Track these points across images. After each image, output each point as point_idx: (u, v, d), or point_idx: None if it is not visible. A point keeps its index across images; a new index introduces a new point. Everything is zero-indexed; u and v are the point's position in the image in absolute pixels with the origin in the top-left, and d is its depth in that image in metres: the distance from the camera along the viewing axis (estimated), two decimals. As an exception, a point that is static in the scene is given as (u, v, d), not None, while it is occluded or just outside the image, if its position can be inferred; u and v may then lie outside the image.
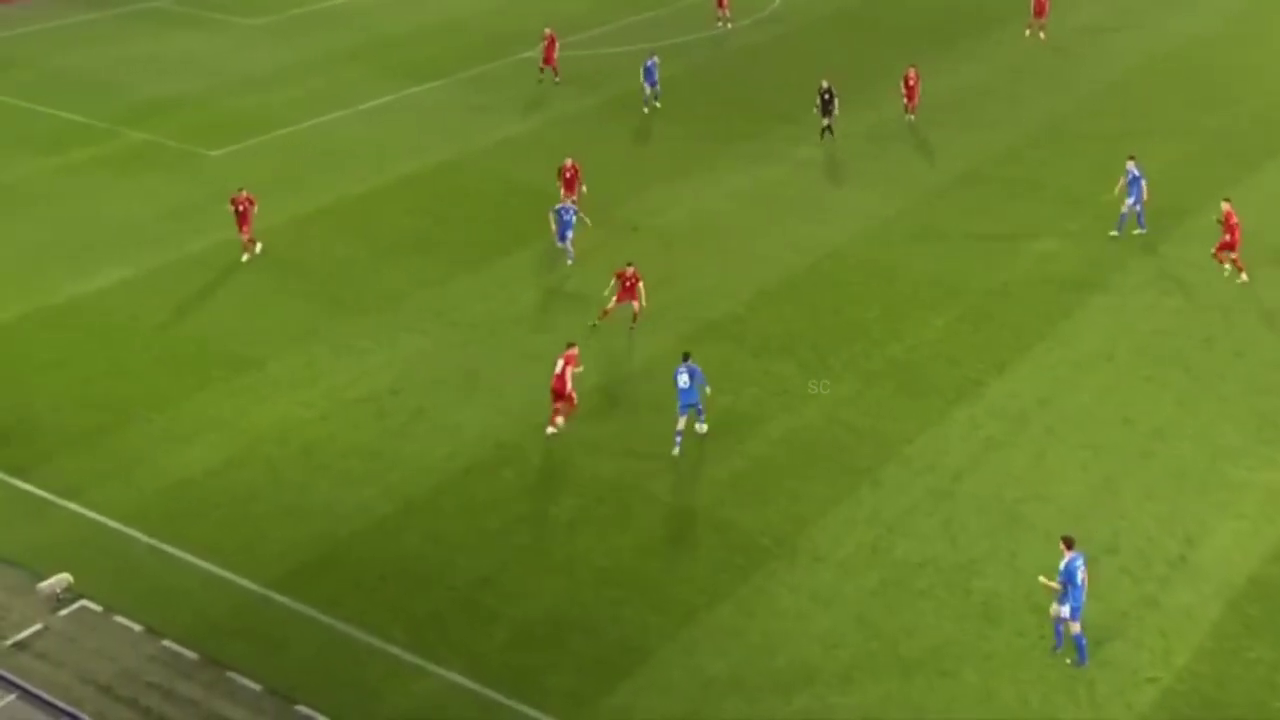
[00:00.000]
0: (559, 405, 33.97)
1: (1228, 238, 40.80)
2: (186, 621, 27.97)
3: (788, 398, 35.63)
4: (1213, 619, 27.89)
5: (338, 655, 27.27)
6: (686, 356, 33.87)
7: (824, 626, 27.88)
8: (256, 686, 26.35)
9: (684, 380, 33.18)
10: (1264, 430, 33.96)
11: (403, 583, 29.25)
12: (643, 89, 55.88)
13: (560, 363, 33.90)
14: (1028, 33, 63.72)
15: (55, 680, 26.43)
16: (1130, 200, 43.43)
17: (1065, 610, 26.49)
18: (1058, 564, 26.56)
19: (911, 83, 53.72)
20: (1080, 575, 26.38)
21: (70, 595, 28.42)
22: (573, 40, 63.23)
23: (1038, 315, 39.51)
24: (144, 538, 30.51)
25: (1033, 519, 30.55)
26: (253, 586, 29.06)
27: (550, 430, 34.02)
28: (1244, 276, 40.92)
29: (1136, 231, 43.86)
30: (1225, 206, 41.25)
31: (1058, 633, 26.94)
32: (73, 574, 28.67)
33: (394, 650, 27.29)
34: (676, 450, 33.33)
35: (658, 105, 55.86)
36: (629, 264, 38.61)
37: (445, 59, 62.93)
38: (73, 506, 31.55)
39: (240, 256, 42.92)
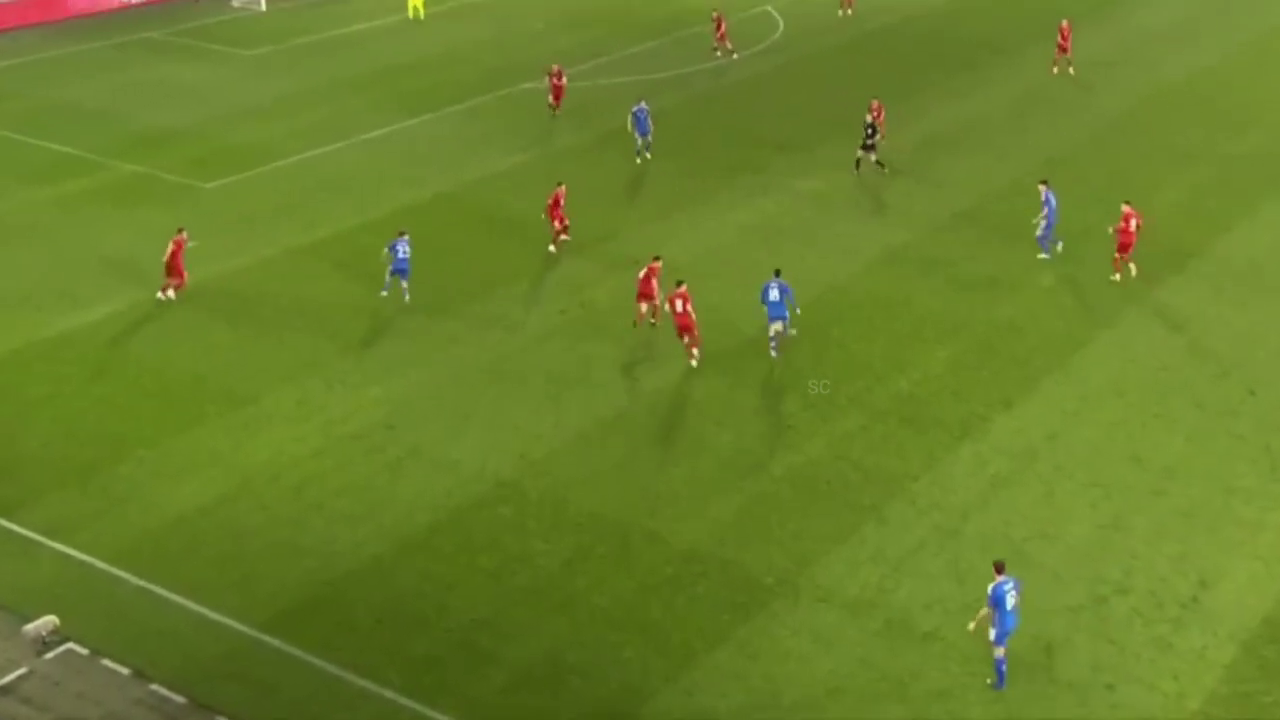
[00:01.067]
0: (692, 339, 37.45)
1: (1123, 240, 41.59)
2: (175, 664, 27.31)
3: (791, 434, 35.07)
4: (1226, 662, 27.28)
5: (331, 700, 26.61)
6: (778, 273, 38.22)
7: (827, 668, 27.25)
8: (247, 732, 25.77)
9: (774, 294, 37.56)
10: (1277, 469, 33.37)
11: (398, 624, 28.62)
12: (633, 138, 53.26)
13: (679, 302, 37.29)
14: (1055, 69, 62.99)
15: (40, 725, 25.87)
16: (1044, 223, 43.72)
17: (992, 634, 26.04)
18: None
19: (875, 116, 52.66)
20: (1010, 600, 25.96)
21: (57, 638, 27.76)
22: (571, 73, 62.84)
23: (1044, 350, 38.98)
24: (133, 579, 29.86)
25: (1041, 558, 29.94)
26: (244, 628, 28.41)
27: (692, 364, 37.71)
28: (1118, 277, 42.00)
29: (1040, 256, 43.93)
30: (1125, 209, 41.80)
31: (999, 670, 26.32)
32: (60, 616, 28.01)
33: (389, 694, 26.64)
34: (774, 353, 37.92)
35: (648, 156, 53.22)
36: (656, 258, 39.70)
37: (444, 90, 62.57)
38: (61, 547, 30.91)
39: (169, 294, 42.03)
